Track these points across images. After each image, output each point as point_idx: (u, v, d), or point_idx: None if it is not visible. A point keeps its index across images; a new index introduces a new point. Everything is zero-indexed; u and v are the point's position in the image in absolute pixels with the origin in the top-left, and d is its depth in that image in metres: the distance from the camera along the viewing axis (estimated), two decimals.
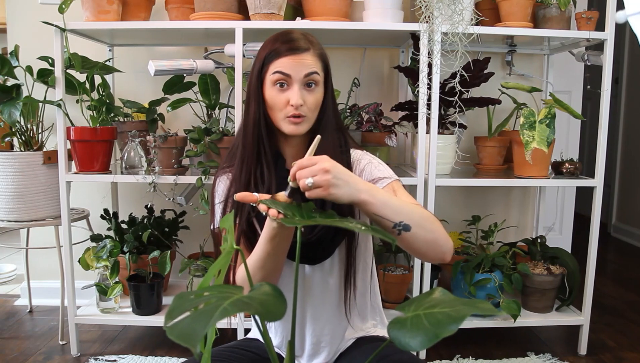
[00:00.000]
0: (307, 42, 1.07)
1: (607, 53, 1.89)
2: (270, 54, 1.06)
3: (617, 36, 1.97)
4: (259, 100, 1.08)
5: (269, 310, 0.55)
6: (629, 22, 0.69)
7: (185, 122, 2.27)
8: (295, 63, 1.04)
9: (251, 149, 1.09)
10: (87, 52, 2.00)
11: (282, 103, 1.05)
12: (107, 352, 2.02)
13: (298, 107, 1.04)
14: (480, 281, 2.01)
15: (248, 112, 1.10)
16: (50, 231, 2.22)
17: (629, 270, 3.25)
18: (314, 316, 1.16)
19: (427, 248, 0.97)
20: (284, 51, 1.04)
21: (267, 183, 1.08)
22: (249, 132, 1.09)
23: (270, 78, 1.06)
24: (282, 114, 1.06)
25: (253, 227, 1.10)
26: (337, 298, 1.16)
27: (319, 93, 1.08)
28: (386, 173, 1.12)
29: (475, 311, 0.58)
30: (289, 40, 1.06)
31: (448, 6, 1.77)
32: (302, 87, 1.05)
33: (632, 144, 3.95)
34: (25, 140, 2.08)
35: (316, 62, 1.07)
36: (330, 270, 1.15)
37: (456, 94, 1.85)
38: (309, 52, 1.06)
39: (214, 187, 1.16)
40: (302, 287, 1.14)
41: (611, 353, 2.05)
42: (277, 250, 0.97)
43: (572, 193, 2.90)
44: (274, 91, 1.06)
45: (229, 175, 1.14)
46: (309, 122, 1.08)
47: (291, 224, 0.76)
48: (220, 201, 1.12)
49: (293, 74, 1.04)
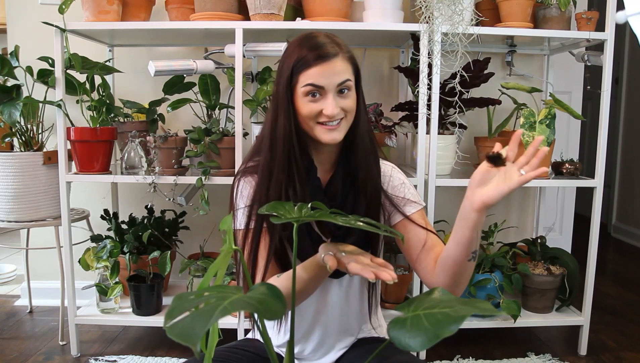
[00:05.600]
0: (334, 46, 1.02)
1: (607, 53, 1.89)
2: (299, 64, 1.01)
3: (617, 36, 1.97)
4: (289, 112, 1.03)
5: (268, 309, 0.55)
6: (629, 23, 0.70)
7: (185, 122, 2.27)
8: (326, 72, 1.00)
9: (282, 161, 1.04)
10: (87, 52, 2.00)
11: (316, 113, 1.02)
12: (107, 352, 2.02)
13: (332, 118, 1.02)
14: (481, 281, 2.01)
15: (276, 124, 1.04)
16: (50, 231, 2.22)
17: (629, 270, 3.25)
18: (326, 324, 1.16)
19: (465, 281, 1.01)
20: (313, 60, 1.00)
21: (301, 197, 1.04)
22: (279, 146, 1.04)
23: (302, 90, 1.01)
24: (316, 124, 1.03)
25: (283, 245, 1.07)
26: (353, 307, 1.17)
27: (352, 98, 1.05)
28: (417, 197, 1.14)
29: (475, 311, 0.58)
30: (316, 46, 1.01)
31: (448, 6, 1.77)
32: (336, 95, 1.02)
33: (632, 145, 3.95)
34: (25, 140, 2.08)
35: (347, 67, 1.03)
36: (350, 281, 1.15)
37: (456, 94, 1.86)
38: (338, 57, 1.02)
39: (237, 187, 1.10)
40: (320, 297, 1.13)
41: (611, 354, 2.05)
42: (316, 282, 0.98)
43: (572, 193, 2.90)
44: (306, 101, 1.02)
45: (254, 176, 1.09)
46: (345, 127, 1.05)
47: (287, 221, 0.76)
48: (246, 204, 1.07)
49: (326, 84, 1.00)
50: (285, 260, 1.06)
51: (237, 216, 1.08)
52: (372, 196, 1.09)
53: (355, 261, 0.87)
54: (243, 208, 1.07)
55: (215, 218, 2.28)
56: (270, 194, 1.04)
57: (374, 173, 1.10)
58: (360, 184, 1.09)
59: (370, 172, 1.09)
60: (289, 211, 0.80)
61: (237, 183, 1.11)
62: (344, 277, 1.13)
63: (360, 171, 1.08)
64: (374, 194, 1.10)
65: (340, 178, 1.09)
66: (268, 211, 0.80)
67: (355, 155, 1.09)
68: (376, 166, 1.12)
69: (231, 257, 0.73)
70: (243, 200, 1.08)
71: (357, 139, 1.08)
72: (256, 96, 2.02)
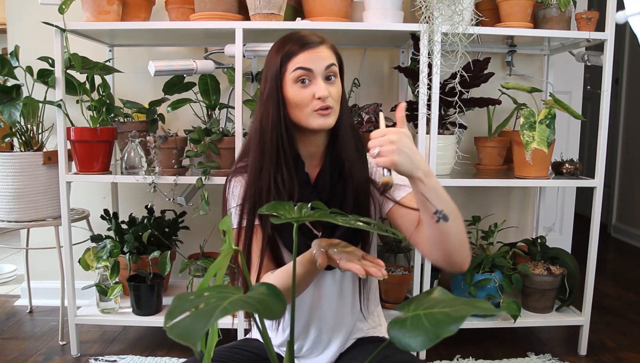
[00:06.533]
0: (318, 37, 1.07)
1: (607, 53, 1.89)
2: (286, 55, 1.05)
3: (617, 37, 1.97)
4: (278, 101, 1.06)
5: (268, 308, 0.55)
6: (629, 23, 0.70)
7: (186, 122, 2.27)
8: (313, 57, 1.04)
9: (270, 152, 1.06)
10: (87, 52, 2.00)
11: (307, 98, 1.04)
12: (107, 352, 2.02)
13: (325, 98, 1.04)
14: (481, 281, 2.01)
15: (266, 114, 1.07)
16: (50, 231, 2.22)
17: (629, 270, 3.25)
18: (322, 319, 1.16)
19: (455, 246, 0.98)
20: (299, 48, 1.04)
21: (289, 186, 1.06)
22: (267, 136, 1.06)
23: (290, 77, 1.05)
24: (308, 110, 1.05)
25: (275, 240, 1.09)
26: (347, 301, 1.17)
27: (338, 85, 1.09)
28: (405, 181, 1.13)
29: (475, 311, 0.58)
30: (300, 37, 1.06)
31: (448, 6, 1.77)
32: (324, 81, 1.05)
33: (632, 145, 3.95)
34: (25, 140, 2.08)
35: (331, 54, 1.08)
36: (343, 274, 1.15)
37: (456, 94, 1.86)
38: (323, 45, 1.07)
39: (228, 188, 1.13)
40: (314, 290, 1.14)
41: (611, 354, 2.05)
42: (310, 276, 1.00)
43: (572, 194, 2.90)
44: (296, 88, 1.05)
45: (244, 175, 1.11)
46: (335, 114, 1.08)
47: (286, 221, 0.76)
48: (238, 203, 1.09)
49: (314, 67, 1.04)
50: (278, 255, 1.08)
51: (231, 216, 1.09)
52: (359, 187, 1.11)
53: (346, 257, 0.89)
54: (235, 207, 1.10)
55: (215, 218, 2.28)
56: (260, 187, 1.06)
57: (359, 163, 1.12)
58: (347, 175, 1.10)
59: (356, 162, 1.11)
60: (289, 211, 0.80)
61: (228, 183, 1.13)
62: (337, 269, 1.13)
63: (347, 161, 1.10)
64: (361, 184, 1.11)
65: (328, 171, 1.11)
66: (268, 211, 0.81)
67: (340, 146, 1.11)
68: (361, 156, 1.13)
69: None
70: (234, 200, 1.11)
71: (342, 131, 1.11)
72: (256, 96, 2.02)
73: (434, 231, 0.97)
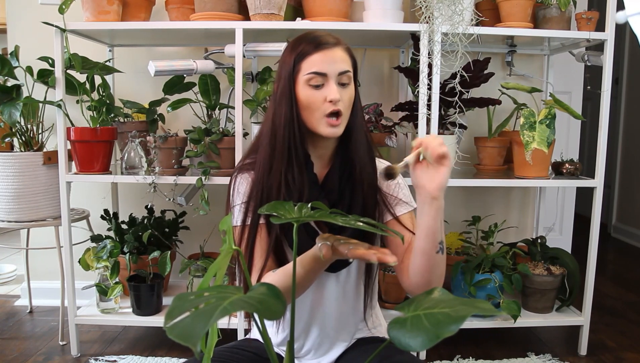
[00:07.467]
0: (333, 38, 1.06)
1: (607, 53, 1.89)
2: (300, 54, 1.04)
3: (617, 37, 1.98)
4: (291, 101, 1.05)
5: (268, 309, 0.55)
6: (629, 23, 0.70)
7: (186, 122, 2.27)
8: (328, 59, 1.03)
9: (282, 150, 1.05)
10: (87, 52, 2.01)
11: (319, 101, 1.03)
12: (107, 352, 2.02)
13: (337, 102, 1.03)
14: (481, 281, 2.01)
15: (279, 113, 1.06)
16: (51, 231, 2.22)
17: (629, 270, 3.25)
18: (324, 320, 1.16)
19: (439, 275, 0.99)
20: (313, 49, 1.03)
21: (299, 185, 1.05)
22: (279, 134, 1.05)
23: (304, 79, 1.03)
24: (319, 114, 1.04)
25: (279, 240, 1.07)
26: (350, 303, 1.17)
27: (352, 90, 1.08)
28: (409, 198, 1.14)
29: (475, 311, 0.58)
30: (315, 37, 1.05)
31: (448, 6, 1.77)
32: (337, 86, 1.04)
33: (632, 145, 3.95)
34: (25, 140, 2.08)
35: (347, 57, 1.06)
36: (347, 276, 1.15)
37: (456, 94, 1.86)
38: (338, 46, 1.05)
39: (233, 185, 1.12)
40: (317, 292, 1.14)
41: (611, 354, 2.05)
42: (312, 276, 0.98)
43: (572, 194, 2.90)
44: (309, 90, 1.04)
45: (251, 173, 1.10)
46: (345, 121, 1.07)
47: (286, 221, 0.76)
48: (243, 201, 1.08)
49: (328, 71, 1.03)
50: (281, 254, 1.07)
51: (234, 213, 1.09)
52: (368, 192, 1.10)
53: (354, 247, 0.87)
54: (240, 204, 1.08)
55: (215, 218, 2.28)
56: (269, 186, 1.05)
57: (369, 168, 1.11)
58: (357, 179, 1.10)
59: (366, 167, 1.10)
60: (289, 211, 0.80)
61: (234, 180, 1.12)
62: (341, 272, 1.13)
63: (357, 165, 1.10)
64: (370, 189, 1.11)
65: (337, 172, 1.10)
66: (268, 211, 0.80)
67: (351, 149, 1.10)
68: (372, 162, 1.13)
69: None
70: (240, 197, 1.09)
71: (354, 134, 1.10)
72: (256, 96, 2.02)
73: (428, 260, 0.96)
